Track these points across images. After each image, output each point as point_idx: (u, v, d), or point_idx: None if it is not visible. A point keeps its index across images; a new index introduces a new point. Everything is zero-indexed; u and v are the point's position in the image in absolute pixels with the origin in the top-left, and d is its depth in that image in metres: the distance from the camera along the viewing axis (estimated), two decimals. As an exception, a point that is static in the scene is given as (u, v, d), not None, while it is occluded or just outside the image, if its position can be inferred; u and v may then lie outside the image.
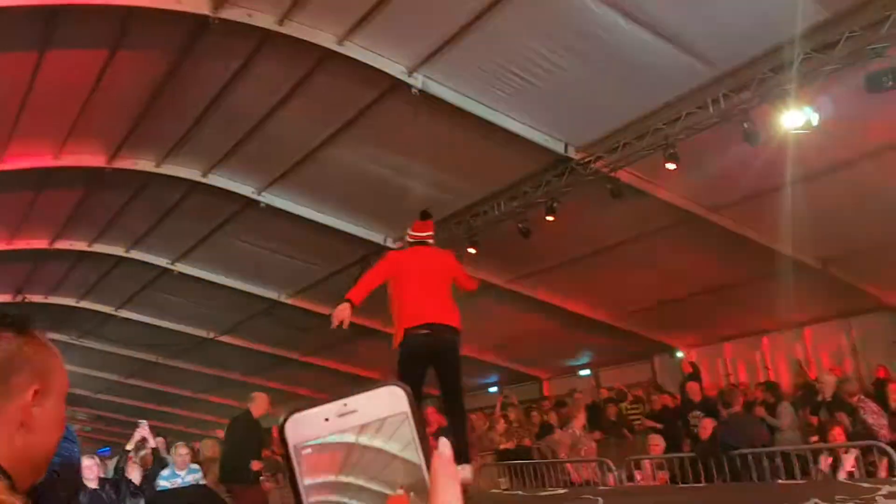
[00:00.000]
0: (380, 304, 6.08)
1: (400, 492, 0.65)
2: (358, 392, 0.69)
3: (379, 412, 0.67)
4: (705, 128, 8.91)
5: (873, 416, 8.63)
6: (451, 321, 5.70)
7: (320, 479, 0.65)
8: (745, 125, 8.50)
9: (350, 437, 0.66)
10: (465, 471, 5.49)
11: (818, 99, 8.14)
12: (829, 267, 11.66)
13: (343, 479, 0.65)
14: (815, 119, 8.16)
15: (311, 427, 0.67)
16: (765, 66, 8.10)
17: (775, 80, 8.07)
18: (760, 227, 11.11)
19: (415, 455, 0.66)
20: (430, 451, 0.67)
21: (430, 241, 6.12)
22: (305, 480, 0.66)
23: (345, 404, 0.68)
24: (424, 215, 6.19)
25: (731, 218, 11.00)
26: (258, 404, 9.05)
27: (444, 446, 0.68)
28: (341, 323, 5.77)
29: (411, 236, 6.10)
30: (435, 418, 12.22)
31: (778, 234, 11.14)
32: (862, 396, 9.46)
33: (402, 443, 0.66)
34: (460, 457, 5.23)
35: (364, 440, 0.66)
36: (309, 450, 0.66)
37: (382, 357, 17.80)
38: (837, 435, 7.96)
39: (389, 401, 0.68)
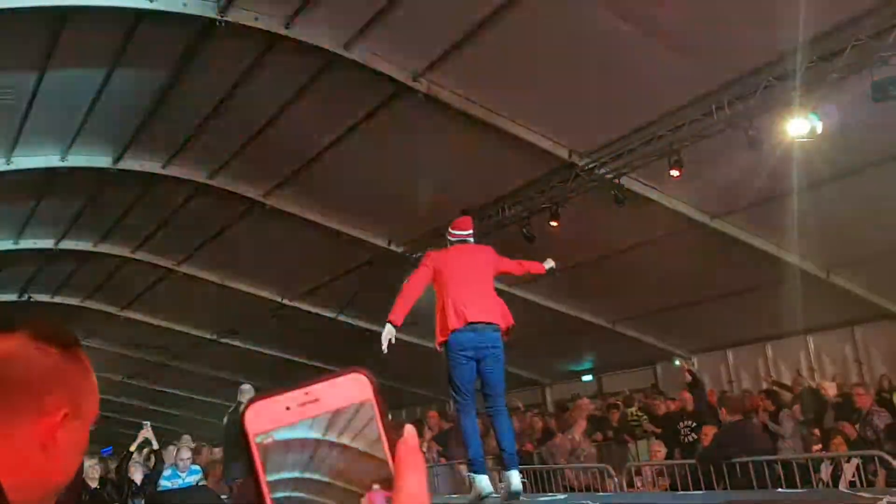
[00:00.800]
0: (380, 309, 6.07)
1: (376, 487, 0.64)
2: (320, 380, 0.66)
3: (342, 401, 0.65)
4: (710, 135, 8.92)
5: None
6: (495, 318, 5.64)
7: (284, 474, 0.63)
8: (750, 132, 8.50)
9: (316, 432, 0.64)
10: (515, 477, 5.41)
11: (823, 107, 8.14)
12: (833, 275, 11.64)
13: (308, 475, 0.63)
14: (819, 127, 8.16)
15: (273, 416, 0.64)
16: (770, 74, 8.10)
17: (780, 88, 8.08)
18: (765, 234, 11.11)
19: (381, 450, 0.64)
20: (395, 440, 0.65)
21: (471, 238, 6.11)
22: (269, 475, 0.63)
23: (306, 392, 0.65)
24: (464, 213, 6.10)
25: (735, 225, 11.00)
26: (249, 396, 9.08)
27: (410, 434, 0.67)
28: (390, 343, 5.93)
29: (452, 234, 6.08)
30: (436, 422, 12.25)
31: (782, 242, 11.15)
32: (875, 404, 9.46)
33: (370, 437, 0.64)
34: (511, 463, 5.43)
35: (331, 435, 0.64)
36: (271, 441, 0.64)
37: (380, 362, 17.82)
38: (839, 444, 7.94)
39: (353, 388, 0.66)
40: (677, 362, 13.41)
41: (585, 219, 11.12)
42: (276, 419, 0.64)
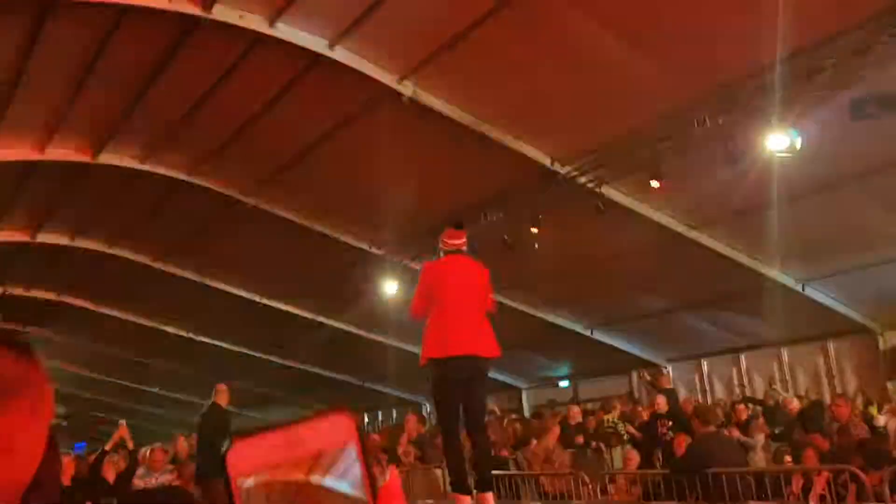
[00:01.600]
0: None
1: None
2: (305, 420, 0.67)
3: (326, 442, 0.64)
4: (691, 147, 8.99)
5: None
6: (488, 351, 5.61)
7: None
8: (730, 146, 8.58)
9: (300, 473, 0.63)
10: (489, 499, 5.44)
11: (802, 122, 8.24)
12: (808, 288, 11.77)
13: None
14: (798, 142, 8.26)
15: (256, 458, 0.63)
16: (750, 88, 8.18)
17: (760, 103, 8.16)
18: (742, 246, 11.23)
19: (364, 492, 0.63)
20: (378, 483, 0.64)
21: (464, 248, 6.04)
22: None
23: (290, 433, 0.64)
24: (457, 226, 6.18)
25: (713, 237, 11.10)
26: (223, 395, 9.04)
27: (393, 478, 0.67)
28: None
29: (446, 244, 5.94)
30: (413, 426, 12.23)
31: (760, 254, 11.27)
32: (854, 418, 9.56)
33: (353, 479, 0.64)
34: (486, 484, 5.48)
35: (315, 476, 0.63)
36: (253, 483, 0.62)
37: (360, 364, 17.73)
38: (810, 456, 8.02)
39: (336, 430, 0.65)
40: (642, 377, 13.56)
41: (566, 226, 11.17)
42: (259, 461, 0.63)
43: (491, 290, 5.99)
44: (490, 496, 5.46)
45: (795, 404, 10.79)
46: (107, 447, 9.33)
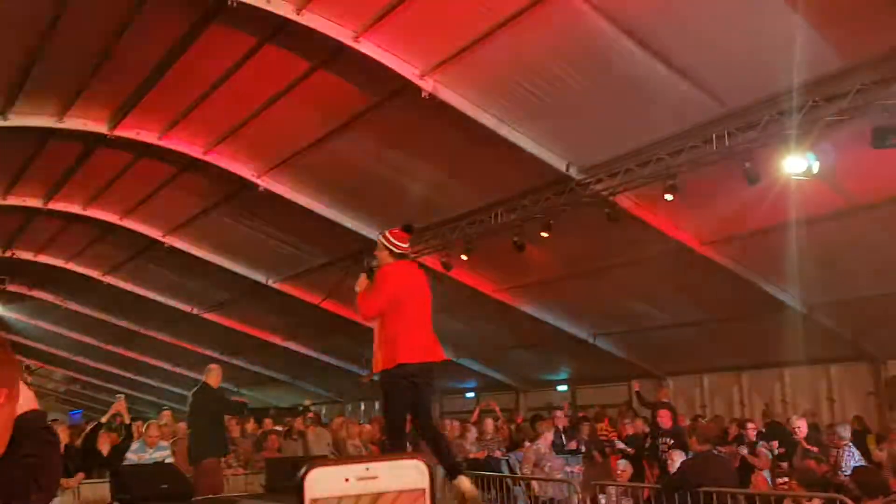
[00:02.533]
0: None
1: None
2: (382, 458, 0.69)
3: (399, 483, 0.66)
4: (708, 163, 8.95)
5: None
6: (441, 356, 5.68)
7: None
8: (747, 165, 8.54)
9: None
10: (465, 482, 5.45)
11: (821, 146, 8.19)
12: (814, 312, 11.72)
13: None
14: (816, 167, 8.20)
15: (330, 484, 0.66)
16: (772, 110, 8.14)
17: (781, 124, 8.11)
18: (751, 266, 11.18)
19: None
20: None
21: (410, 252, 6.00)
22: None
23: (367, 468, 0.67)
24: (408, 228, 5.88)
25: (723, 253, 11.06)
26: (215, 376, 9.08)
27: None
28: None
29: (398, 248, 5.73)
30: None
31: (768, 275, 11.23)
32: (849, 444, 9.50)
33: None
34: (457, 470, 5.54)
35: None
36: None
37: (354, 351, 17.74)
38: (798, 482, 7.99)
39: (411, 474, 0.67)
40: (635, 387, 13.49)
41: (576, 233, 11.15)
42: (334, 487, 0.66)
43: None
44: (465, 478, 5.46)
45: (804, 429, 10.54)
46: (102, 420, 9.38)
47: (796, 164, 8.23)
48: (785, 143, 8.19)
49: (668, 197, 9.28)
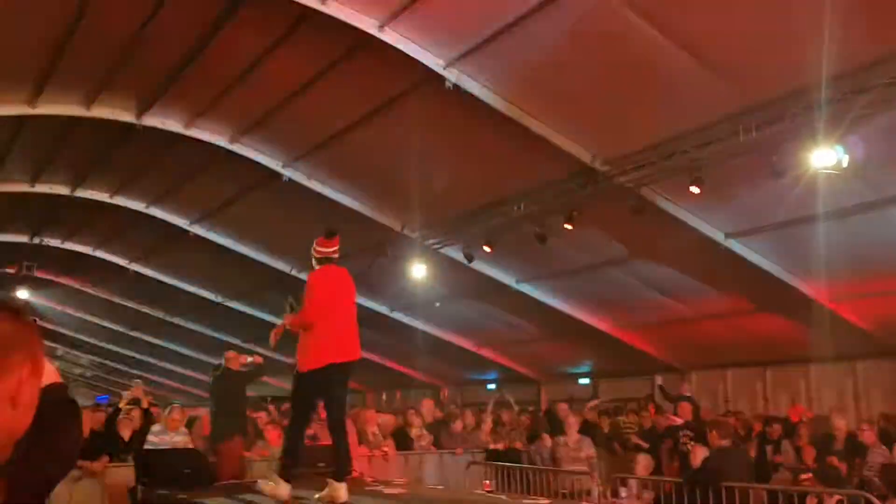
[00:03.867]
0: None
1: None
2: None
3: None
4: (734, 156, 8.86)
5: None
6: (358, 354, 6.01)
7: None
8: (774, 158, 8.44)
9: None
10: (342, 489, 5.78)
11: (850, 139, 8.07)
12: (841, 308, 11.58)
13: None
14: (845, 160, 8.09)
15: None
16: (800, 102, 8.03)
17: (809, 117, 8.00)
18: (777, 259, 11.06)
19: None
20: None
21: (336, 255, 6.34)
22: None
23: None
24: (330, 235, 6.34)
25: (748, 247, 10.95)
26: (233, 361, 9.17)
27: None
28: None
29: (320, 253, 6.21)
30: (429, 411, 12.30)
31: (794, 269, 11.10)
32: (877, 441, 9.43)
33: None
34: (343, 475, 5.90)
35: None
36: None
37: (382, 343, 17.82)
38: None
39: None
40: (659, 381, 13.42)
41: (600, 225, 11.10)
42: None
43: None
44: (344, 486, 5.79)
45: (842, 424, 10.35)
46: (120, 404, 9.50)
47: (825, 157, 8.12)
48: (813, 135, 8.08)
49: (694, 189, 9.20)
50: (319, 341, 5.83)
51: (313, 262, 6.25)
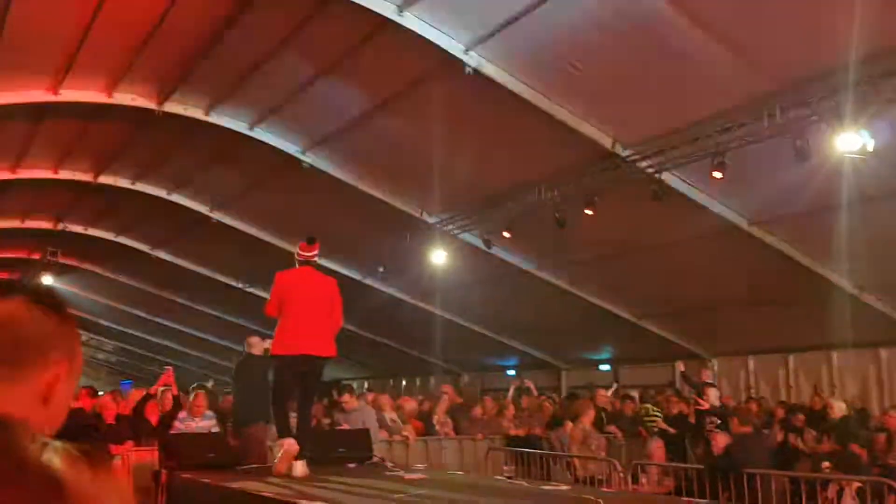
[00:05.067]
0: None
1: None
2: None
3: None
4: (758, 140, 8.76)
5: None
6: (324, 352, 6.54)
7: None
8: (799, 143, 8.33)
9: None
10: (301, 465, 6.37)
11: (875, 124, 7.95)
12: (865, 294, 11.46)
13: None
14: (871, 144, 7.98)
15: None
16: (826, 86, 7.91)
17: (834, 101, 7.89)
18: (800, 246, 10.96)
19: None
20: None
21: (315, 259, 6.84)
22: None
23: None
24: (310, 240, 6.82)
25: (772, 233, 10.85)
26: (256, 347, 9.23)
27: None
28: None
29: (300, 255, 6.72)
30: (451, 396, 12.32)
31: (818, 256, 10.99)
32: None
33: None
34: (301, 452, 6.40)
35: None
36: None
37: (401, 329, 17.77)
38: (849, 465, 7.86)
39: None
40: (681, 368, 13.30)
41: (621, 211, 11.03)
42: None
43: (340, 301, 6.75)
44: (303, 464, 6.37)
45: (838, 409, 10.51)
46: (151, 391, 9.59)
47: (850, 142, 8.02)
48: (839, 120, 7.97)
49: (717, 175, 9.11)
50: (283, 333, 6.50)
51: (295, 263, 6.77)
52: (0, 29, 9.03)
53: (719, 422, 9.30)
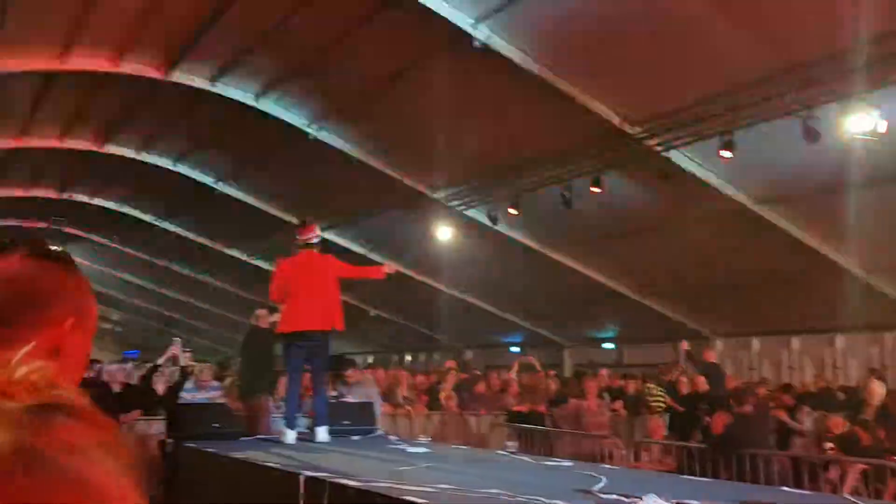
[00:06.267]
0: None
1: None
2: None
3: None
4: (767, 119, 8.69)
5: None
6: (325, 325, 6.92)
7: None
8: (809, 123, 8.27)
9: None
10: (323, 432, 6.93)
11: (888, 105, 7.87)
12: (871, 277, 11.43)
13: None
14: (882, 126, 7.91)
15: None
16: (836, 67, 7.84)
17: (845, 82, 7.82)
18: (809, 227, 10.91)
19: None
20: None
21: (315, 240, 7.14)
22: None
23: None
24: (303, 222, 7.26)
25: (779, 213, 10.81)
26: (263, 319, 9.25)
27: None
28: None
29: (298, 240, 7.08)
30: (454, 373, 12.39)
31: (826, 237, 10.95)
32: None
33: None
34: (322, 421, 7.02)
35: None
36: None
37: (406, 305, 17.83)
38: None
39: None
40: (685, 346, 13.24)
41: (627, 188, 10.99)
42: None
43: (341, 266, 7.29)
44: (323, 429, 6.96)
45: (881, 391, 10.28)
46: (159, 361, 9.63)
47: (861, 123, 7.96)
48: (849, 100, 7.91)
49: (725, 154, 9.06)
50: (287, 313, 7.03)
51: (295, 247, 7.14)
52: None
53: (716, 403, 9.33)
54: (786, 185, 10.09)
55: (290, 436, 6.92)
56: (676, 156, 10.04)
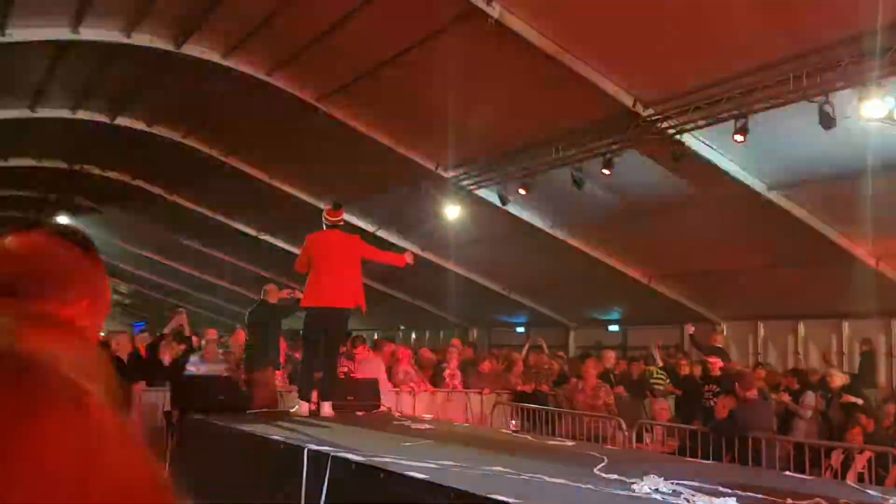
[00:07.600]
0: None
1: None
2: None
3: None
4: (782, 104, 8.61)
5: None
6: (347, 303, 7.30)
7: None
8: (824, 108, 8.19)
9: None
10: (327, 407, 7.16)
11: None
12: (881, 264, 11.37)
13: None
14: (898, 112, 7.83)
15: None
16: (854, 50, 7.74)
17: (861, 66, 7.73)
18: (818, 213, 10.85)
19: None
20: None
21: (341, 223, 7.62)
22: None
23: None
24: (336, 206, 7.66)
25: (791, 199, 10.74)
26: (272, 294, 9.32)
27: None
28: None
29: (327, 220, 7.52)
30: (458, 350, 12.40)
31: (836, 223, 10.89)
32: None
33: None
34: (326, 396, 7.24)
35: None
36: None
37: (412, 282, 17.88)
38: (855, 435, 7.88)
39: None
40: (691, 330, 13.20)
41: (639, 171, 10.92)
42: None
43: (366, 247, 7.74)
44: (328, 404, 7.19)
45: (838, 380, 10.43)
46: (165, 331, 9.71)
47: (876, 109, 7.87)
48: (866, 85, 7.82)
49: (739, 138, 8.99)
50: (310, 287, 7.31)
51: (323, 225, 7.53)
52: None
53: (721, 387, 9.33)
54: (798, 170, 10.01)
55: (304, 408, 7.17)
56: (689, 139, 9.97)
